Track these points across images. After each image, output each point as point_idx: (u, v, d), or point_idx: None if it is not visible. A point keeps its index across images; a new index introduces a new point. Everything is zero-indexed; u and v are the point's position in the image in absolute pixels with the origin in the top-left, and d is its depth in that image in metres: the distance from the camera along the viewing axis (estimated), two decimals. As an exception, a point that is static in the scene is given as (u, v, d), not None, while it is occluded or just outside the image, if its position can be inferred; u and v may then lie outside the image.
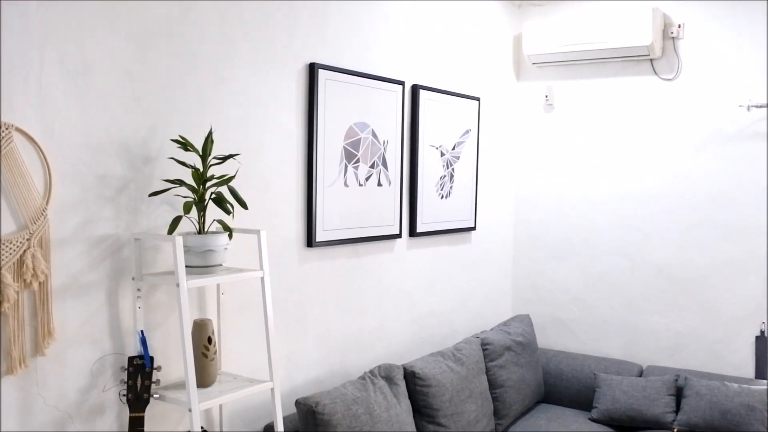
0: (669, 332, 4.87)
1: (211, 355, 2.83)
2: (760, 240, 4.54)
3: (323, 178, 3.55)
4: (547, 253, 5.33)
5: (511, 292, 5.49)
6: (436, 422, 3.77)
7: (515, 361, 4.49)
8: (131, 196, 2.73)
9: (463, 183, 4.70)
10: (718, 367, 4.72)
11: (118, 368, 2.73)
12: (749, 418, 4.12)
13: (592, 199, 5.11)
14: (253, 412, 3.35)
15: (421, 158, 4.25)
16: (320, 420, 3.14)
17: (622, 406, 4.43)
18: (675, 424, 4.33)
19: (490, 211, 5.13)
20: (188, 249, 2.69)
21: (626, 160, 4.97)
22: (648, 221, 4.91)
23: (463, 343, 4.23)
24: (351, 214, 3.75)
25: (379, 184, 3.92)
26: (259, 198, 3.26)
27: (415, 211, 4.23)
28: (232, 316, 3.19)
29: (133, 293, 2.75)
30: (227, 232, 2.79)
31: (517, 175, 5.42)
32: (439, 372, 3.85)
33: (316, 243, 3.54)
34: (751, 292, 4.58)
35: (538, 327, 5.38)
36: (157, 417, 2.90)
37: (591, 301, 5.15)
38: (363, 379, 3.50)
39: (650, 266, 4.91)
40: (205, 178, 2.73)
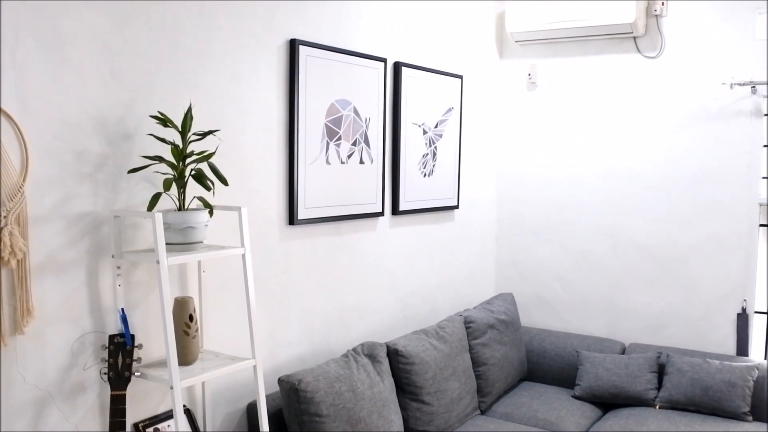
0: (651, 310, 4.90)
1: (193, 332, 2.81)
2: (742, 218, 4.56)
3: (305, 156, 3.52)
4: (530, 231, 5.33)
5: (494, 270, 5.49)
6: (420, 400, 3.78)
7: (498, 339, 4.50)
8: (110, 172, 2.70)
9: (445, 161, 4.68)
10: (700, 344, 4.75)
11: (98, 346, 2.71)
12: (730, 395, 4.16)
13: (575, 178, 5.11)
14: (236, 391, 3.34)
15: (403, 136, 4.23)
16: (303, 397, 3.14)
17: (604, 384, 4.45)
18: (657, 401, 4.36)
19: (473, 190, 5.13)
20: (168, 226, 2.67)
21: (609, 139, 4.97)
22: (630, 200, 4.92)
23: (446, 321, 4.23)
24: (333, 191, 3.73)
25: (361, 161, 3.90)
26: (239, 175, 3.24)
27: (398, 189, 4.22)
28: (214, 294, 3.18)
29: (112, 271, 2.72)
30: (208, 209, 2.76)
31: (500, 154, 5.41)
32: (422, 350, 3.85)
33: (298, 221, 3.52)
34: (733, 269, 4.61)
35: (521, 305, 5.40)
36: (140, 395, 2.89)
37: (574, 279, 5.17)
38: (346, 357, 3.50)
39: (633, 244, 4.93)
40: (185, 154, 2.71)
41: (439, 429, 3.87)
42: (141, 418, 2.91)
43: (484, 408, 4.34)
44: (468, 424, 4.07)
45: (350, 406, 3.29)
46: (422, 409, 3.78)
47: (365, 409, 3.36)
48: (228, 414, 3.31)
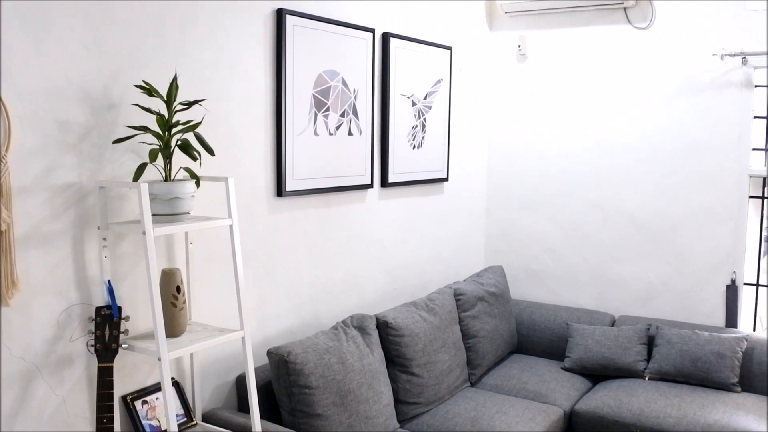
0: (641, 282, 4.90)
1: (180, 304, 2.79)
2: (732, 189, 4.55)
3: (293, 127, 3.49)
4: (519, 204, 5.32)
5: (484, 243, 5.48)
6: (410, 372, 3.78)
7: (488, 311, 4.50)
8: (94, 143, 2.66)
9: (435, 133, 4.66)
10: (689, 316, 4.76)
11: (85, 319, 2.69)
12: (719, 366, 4.17)
13: (565, 150, 5.09)
14: (225, 363, 3.33)
15: (392, 108, 4.20)
16: (292, 369, 3.13)
17: (594, 355, 4.46)
18: (646, 372, 4.37)
19: (463, 162, 5.10)
20: (154, 197, 2.64)
21: (599, 110, 4.95)
22: (620, 171, 4.91)
23: (436, 294, 4.23)
24: (321, 163, 3.70)
25: (349, 133, 3.87)
26: (226, 146, 3.21)
27: (387, 161, 4.19)
28: (201, 266, 3.15)
29: (98, 242, 2.69)
30: (194, 180, 2.73)
31: (490, 126, 5.38)
32: (412, 322, 3.84)
33: (286, 192, 3.49)
34: (722, 241, 4.61)
35: (511, 278, 5.40)
36: (128, 368, 2.88)
37: (564, 251, 5.16)
38: (335, 329, 3.49)
39: (622, 216, 4.92)
40: (171, 124, 2.67)
41: (429, 401, 3.87)
42: (129, 390, 2.89)
43: (474, 380, 4.34)
44: (458, 396, 4.07)
45: (340, 378, 3.28)
46: (412, 381, 3.78)
47: (355, 381, 3.35)
48: (217, 386, 3.30)
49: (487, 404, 3.92)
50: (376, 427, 3.43)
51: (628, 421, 3.90)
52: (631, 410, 3.95)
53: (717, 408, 3.90)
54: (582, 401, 4.14)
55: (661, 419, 3.85)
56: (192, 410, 3.11)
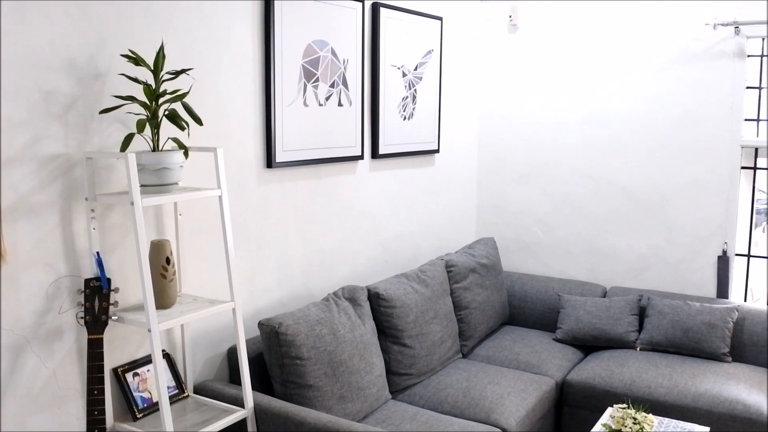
0: (632, 253, 4.90)
1: (170, 276, 2.77)
2: (723, 160, 4.54)
3: (281, 97, 3.46)
4: (511, 175, 5.30)
5: (476, 215, 5.47)
6: (401, 343, 3.78)
7: (480, 283, 4.50)
8: (80, 113, 2.63)
9: (425, 105, 4.63)
10: (681, 286, 4.77)
11: (74, 291, 2.67)
12: (710, 336, 4.18)
13: (557, 121, 5.07)
14: (216, 335, 3.32)
15: (382, 78, 4.16)
16: (283, 341, 3.12)
17: (585, 326, 4.47)
18: (638, 343, 4.38)
19: (454, 134, 5.08)
20: (142, 167, 2.62)
21: (591, 81, 4.92)
22: (612, 142, 4.89)
23: (428, 265, 4.22)
24: (311, 134, 3.68)
25: (339, 104, 3.84)
26: (215, 117, 3.17)
27: (377, 132, 4.16)
28: (191, 238, 3.13)
29: (86, 214, 2.67)
30: (182, 150, 2.71)
31: (481, 98, 5.35)
32: (404, 293, 3.84)
33: (276, 164, 3.47)
34: (714, 212, 4.61)
35: (503, 250, 5.39)
36: (118, 340, 2.87)
37: (555, 223, 5.16)
38: (326, 301, 3.48)
39: (614, 188, 4.91)
40: (158, 93, 2.64)
41: (421, 372, 3.88)
42: (120, 363, 2.89)
43: (466, 351, 4.35)
44: (450, 367, 4.08)
45: (331, 349, 3.28)
46: (404, 352, 3.79)
47: (346, 352, 3.35)
48: (209, 358, 3.29)
49: (479, 375, 3.93)
50: (368, 398, 3.44)
51: (620, 392, 3.92)
52: (622, 380, 3.96)
53: (708, 378, 3.92)
54: (573, 372, 4.15)
55: (652, 389, 3.87)
56: (183, 382, 3.10)
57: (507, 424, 3.52)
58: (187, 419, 2.90)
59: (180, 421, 2.88)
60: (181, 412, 2.97)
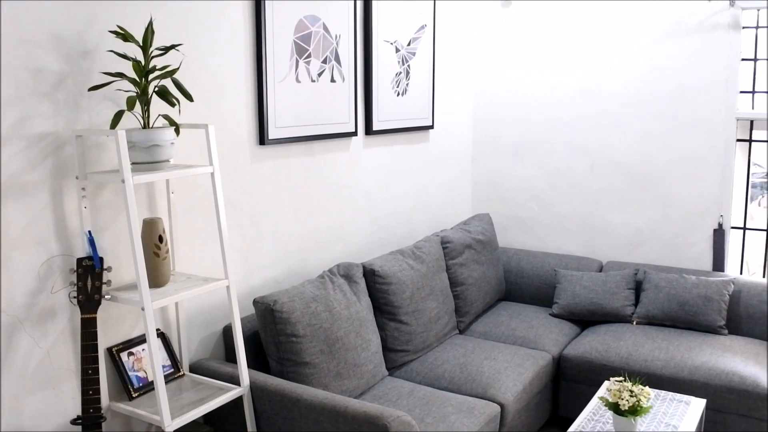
0: (629, 228, 4.89)
1: (163, 254, 2.75)
2: (719, 133, 4.52)
3: (273, 73, 3.42)
4: (506, 151, 5.27)
5: (471, 191, 5.45)
6: (398, 319, 3.77)
7: (476, 259, 4.49)
8: (70, 91, 2.59)
9: (419, 80, 4.59)
10: (677, 260, 4.76)
11: (66, 270, 2.65)
12: (706, 309, 4.18)
13: (551, 96, 5.04)
14: (211, 314, 3.30)
15: (375, 54, 4.12)
16: (279, 318, 3.11)
17: (582, 301, 4.47)
18: (634, 317, 4.38)
19: (448, 110, 5.05)
20: (133, 145, 2.59)
21: (585, 55, 4.88)
22: (607, 117, 4.86)
23: (423, 242, 4.20)
24: (304, 110, 3.65)
25: (332, 80, 3.81)
26: (206, 93, 3.14)
27: (371, 108, 4.13)
28: (184, 216, 3.11)
29: (77, 193, 2.64)
30: (173, 127, 2.68)
31: (475, 73, 5.31)
32: (399, 270, 3.83)
33: (269, 141, 3.44)
34: (710, 185, 4.59)
35: (499, 226, 5.38)
36: (113, 320, 2.85)
37: (551, 199, 5.14)
38: (322, 278, 3.47)
39: (610, 163, 4.89)
40: (147, 70, 2.61)
41: (418, 348, 3.87)
42: (114, 342, 2.87)
43: (463, 327, 4.35)
44: (446, 343, 4.08)
45: (327, 326, 3.27)
46: (400, 328, 3.78)
47: (342, 329, 3.34)
48: (204, 337, 3.28)
49: (475, 351, 3.93)
50: (364, 374, 3.43)
51: (616, 365, 3.92)
52: (619, 354, 3.96)
53: (704, 350, 3.92)
54: (570, 346, 4.15)
55: (649, 362, 3.87)
56: (179, 361, 3.09)
57: (504, 399, 3.52)
58: (183, 398, 2.89)
59: (176, 399, 2.87)
60: (176, 390, 2.96)
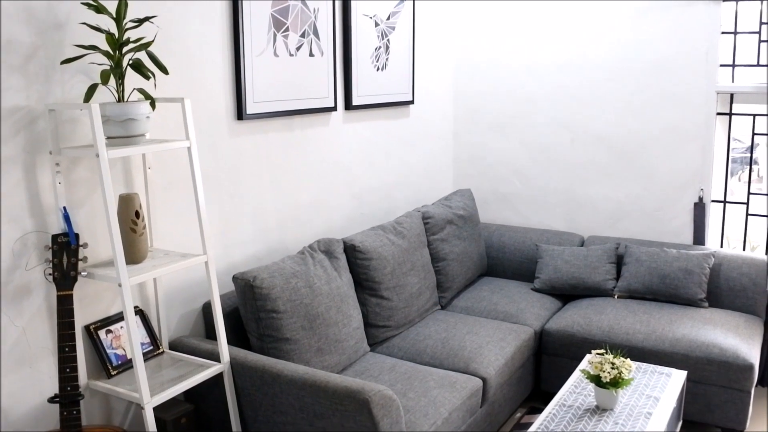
0: (610, 202, 4.89)
1: (140, 230, 2.72)
2: (699, 107, 4.52)
3: (251, 47, 3.37)
4: (487, 126, 5.25)
5: (452, 166, 5.43)
6: (379, 295, 3.75)
7: (457, 234, 4.47)
8: (41, 64, 2.54)
9: (399, 55, 4.55)
10: (658, 234, 4.77)
11: (41, 247, 2.61)
12: (687, 282, 4.19)
13: (532, 70, 5.01)
14: (190, 291, 3.27)
15: (354, 28, 4.08)
16: (259, 294, 3.09)
17: (563, 275, 4.47)
18: (616, 291, 4.39)
19: (429, 85, 5.01)
20: (107, 119, 2.54)
21: (565, 29, 4.85)
22: (588, 91, 4.85)
23: (404, 217, 4.18)
24: (282, 85, 3.60)
25: (310, 54, 3.76)
26: (182, 67, 3.09)
27: (350, 83, 4.09)
28: (162, 192, 3.07)
29: (51, 168, 2.60)
30: (149, 101, 2.63)
31: (456, 48, 5.27)
32: (380, 245, 3.81)
33: (247, 115, 3.40)
34: (690, 159, 4.59)
35: (480, 201, 5.36)
36: (90, 297, 2.82)
37: (532, 173, 5.13)
38: (302, 254, 3.44)
39: (591, 136, 4.88)
40: (121, 42, 2.56)
41: (400, 324, 3.86)
42: (92, 320, 2.84)
43: (445, 303, 4.34)
44: (428, 318, 4.07)
45: (307, 301, 3.25)
46: (381, 304, 3.76)
47: (323, 305, 3.32)
48: (184, 314, 3.25)
49: (457, 326, 3.92)
50: (346, 350, 3.42)
51: (598, 339, 3.93)
52: (600, 328, 3.97)
53: (685, 323, 3.94)
54: (552, 320, 4.15)
55: (630, 335, 3.88)
56: (158, 338, 3.07)
57: (486, 373, 3.52)
58: (162, 375, 2.87)
59: (155, 377, 2.85)
60: (156, 368, 2.94)
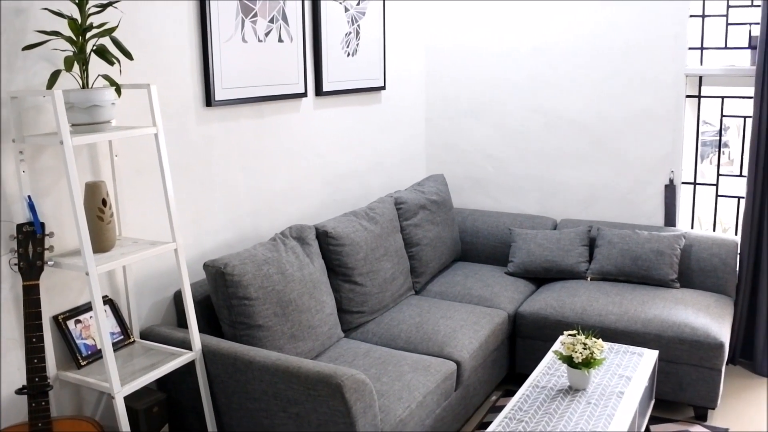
0: (582, 185, 4.91)
1: (107, 218, 2.69)
2: (669, 89, 4.54)
3: (219, 33, 3.34)
4: (460, 111, 5.24)
5: (425, 152, 5.42)
6: (352, 281, 3.75)
7: (430, 219, 4.47)
8: (3, 51, 2.50)
9: (370, 41, 4.53)
10: (630, 216, 4.80)
11: (6, 237, 2.57)
12: (659, 263, 4.22)
13: (504, 55, 5.01)
14: (161, 279, 3.25)
15: (323, 13, 4.05)
16: (230, 281, 3.07)
17: (537, 259, 4.48)
18: (588, 273, 4.41)
19: (400, 70, 4.99)
20: (71, 105, 2.51)
21: (537, 14, 4.85)
22: (560, 75, 4.85)
23: (377, 203, 4.17)
24: (252, 71, 3.57)
25: (280, 40, 3.73)
26: (148, 54, 3.05)
27: (321, 69, 4.06)
28: (130, 180, 3.04)
29: (15, 156, 2.56)
30: (114, 87, 2.60)
31: (427, 34, 5.25)
32: (353, 231, 3.79)
33: (216, 102, 3.37)
34: (661, 141, 4.61)
35: (454, 187, 5.36)
36: (58, 287, 2.78)
37: (505, 158, 5.13)
38: (274, 241, 3.42)
39: (564, 121, 4.89)
40: (84, 27, 2.52)
41: (374, 309, 3.86)
42: (61, 310, 2.81)
43: (419, 288, 4.34)
44: (402, 303, 4.07)
45: (280, 288, 3.24)
46: (355, 290, 3.76)
47: (295, 291, 3.31)
48: (155, 303, 3.23)
49: (431, 310, 3.92)
50: (319, 336, 3.41)
51: (571, 321, 3.95)
52: (573, 310, 3.99)
53: (657, 304, 3.96)
54: (526, 303, 4.17)
55: (603, 317, 3.90)
56: (129, 328, 3.04)
57: (460, 356, 3.53)
58: (134, 364, 2.85)
59: (127, 366, 2.82)
60: (128, 357, 2.91)
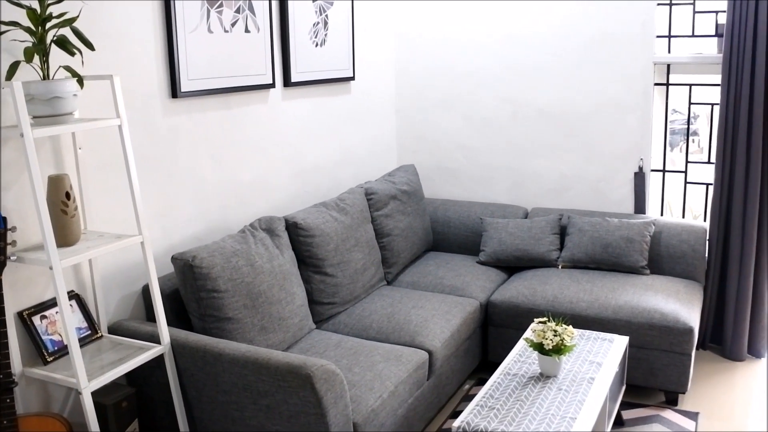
0: (553, 174, 4.92)
1: (71, 211, 2.65)
2: (637, 78, 4.56)
3: (183, 23, 3.30)
4: (430, 101, 5.23)
5: (396, 143, 5.41)
6: (323, 272, 3.73)
7: (401, 209, 4.46)
8: (-39, 42, 2.46)
9: (338, 31, 4.50)
10: (601, 204, 4.82)
11: (-32, 232, 2.53)
12: (629, 250, 4.25)
13: (474, 45, 5.00)
14: (129, 273, 3.21)
15: (291, 3, 4.02)
16: (199, 274, 3.04)
17: (508, 248, 4.49)
18: (559, 261, 4.43)
19: (370, 61, 4.97)
20: (31, 97, 2.47)
21: (507, 4, 4.85)
22: (529, 65, 4.86)
23: (347, 194, 4.16)
24: (218, 62, 3.54)
25: (246, 30, 3.70)
26: (111, 45, 3.01)
27: (288, 59, 4.03)
28: (95, 173, 3.00)
29: (-25, 150, 2.52)
30: (75, 78, 2.56)
31: (397, 24, 5.24)
32: (323, 222, 3.78)
33: (182, 93, 3.33)
34: (630, 129, 4.64)
35: (425, 177, 5.36)
36: (22, 282, 2.74)
37: (476, 148, 5.13)
38: (243, 233, 3.40)
39: (533, 110, 4.90)
40: (44, 17, 2.48)
41: (345, 300, 3.85)
42: (26, 306, 2.77)
43: (390, 278, 4.33)
44: (374, 294, 4.06)
45: (249, 280, 3.21)
46: (326, 281, 3.74)
47: (265, 283, 3.29)
48: (123, 297, 3.19)
49: (403, 300, 3.92)
50: (290, 327, 3.39)
51: (543, 309, 3.96)
52: (545, 297, 4.00)
53: (627, 290, 3.99)
54: (497, 292, 4.18)
55: (574, 304, 3.92)
56: (96, 323, 3.01)
57: (432, 345, 3.53)
58: (102, 358, 2.82)
59: (95, 361, 2.79)
60: (96, 352, 2.88)
